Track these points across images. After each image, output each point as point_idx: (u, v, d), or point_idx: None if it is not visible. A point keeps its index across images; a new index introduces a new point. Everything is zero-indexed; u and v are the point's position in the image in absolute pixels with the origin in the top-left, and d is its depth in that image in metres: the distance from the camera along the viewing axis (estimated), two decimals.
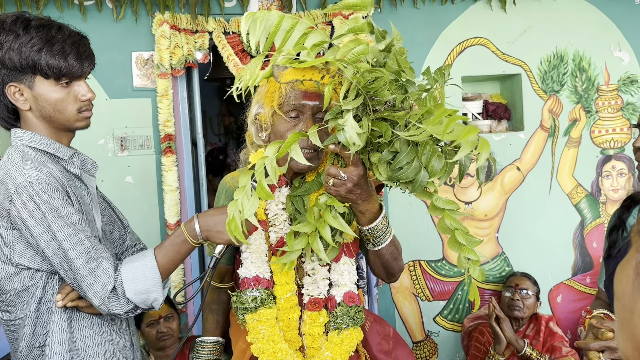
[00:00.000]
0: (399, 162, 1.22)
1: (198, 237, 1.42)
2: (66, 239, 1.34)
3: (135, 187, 2.95)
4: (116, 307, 1.37)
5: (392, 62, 1.29)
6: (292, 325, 1.57)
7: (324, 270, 1.57)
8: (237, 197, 1.26)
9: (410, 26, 3.10)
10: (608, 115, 3.23)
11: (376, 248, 1.50)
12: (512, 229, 3.21)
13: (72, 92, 1.44)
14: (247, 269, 1.56)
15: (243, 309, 1.54)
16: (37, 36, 1.38)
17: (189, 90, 3.05)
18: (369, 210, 1.42)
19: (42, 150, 1.44)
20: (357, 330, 1.56)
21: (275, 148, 1.25)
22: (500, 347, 2.70)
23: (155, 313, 2.71)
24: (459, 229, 1.25)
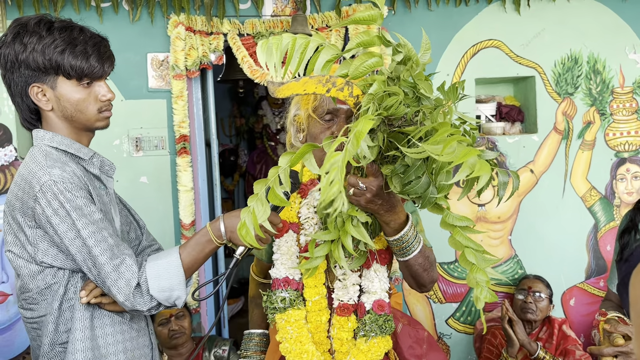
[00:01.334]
0: (408, 177, 1.22)
1: (223, 237, 1.44)
2: (90, 236, 1.36)
3: (150, 188, 2.98)
4: (140, 303, 1.39)
5: (407, 74, 1.27)
6: (320, 328, 1.58)
7: (354, 276, 1.57)
8: (250, 204, 1.27)
9: (424, 28, 3.08)
10: (623, 117, 3.21)
11: (404, 258, 1.48)
12: (525, 231, 3.20)
13: (92, 92, 1.47)
14: (278, 269, 1.59)
15: (272, 308, 1.57)
16: (60, 37, 1.41)
17: (203, 92, 3.08)
18: (393, 220, 1.40)
19: (64, 151, 1.47)
20: (385, 339, 1.56)
21: (288, 158, 1.25)
22: (513, 349, 2.69)
23: (166, 312, 2.73)
24: (469, 247, 1.22)
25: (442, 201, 1.23)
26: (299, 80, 1.29)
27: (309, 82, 1.29)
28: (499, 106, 3.29)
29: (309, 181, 1.62)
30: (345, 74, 1.30)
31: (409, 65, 1.29)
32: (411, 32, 3.09)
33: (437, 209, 1.25)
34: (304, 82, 1.29)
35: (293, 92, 1.31)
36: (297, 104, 1.58)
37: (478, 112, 3.24)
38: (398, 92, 1.23)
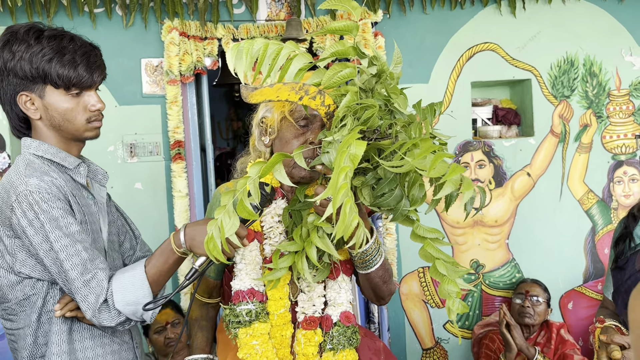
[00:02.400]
0: (381, 189, 1.21)
1: (182, 246, 1.38)
2: (63, 249, 1.33)
3: (145, 194, 2.96)
4: (107, 319, 1.35)
5: (380, 87, 1.28)
6: (284, 343, 1.52)
7: (319, 288, 1.53)
8: (217, 216, 1.24)
9: (420, 31, 3.09)
10: (619, 120, 3.20)
11: (366, 272, 1.47)
12: (522, 235, 3.18)
13: (81, 102, 1.45)
14: (242, 280, 1.50)
15: (236, 322, 1.48)
16: (49, 46, 1.40)
17: (198, 97, 3.06)
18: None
19: (49, 159, 1.45)
20: (352, 351, 1.52)
21: (258, 168, 1.24)
22: (511, 354, 2.68)
23: (162, 319, 2.71)
24: (440, 259, 1.22)
25: (413, 214, 1.24)
26: (273, 87, 1.29)
27: (282, 88, 1.29)
28: (495, 109, 3.28)
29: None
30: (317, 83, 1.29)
31: (383, 78, 1.28)
32: (406, 36, 3.07)
33: (407, 222, 1.25)
34: (277, 88, 1.29)
35: (266, 98, 1.30)
36: (268, 105, 1.54)
37: (474, 115, 3.23)
38: (374, 104, 1.23)
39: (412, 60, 3.08)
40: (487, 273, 3.18)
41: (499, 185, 3.16)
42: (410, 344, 3.17)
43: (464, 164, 3.13)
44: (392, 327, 3.13)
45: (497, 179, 3.16)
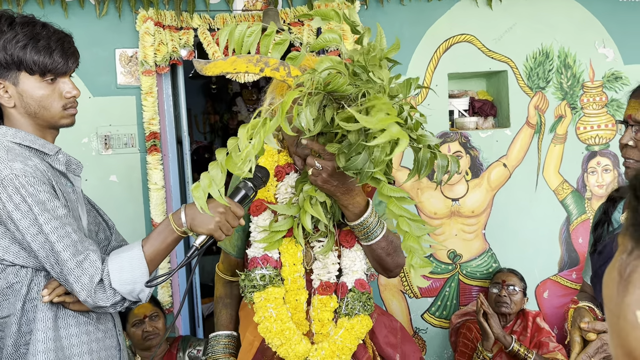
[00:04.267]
0: (350, 153, 1.28)
1: (183, 226, 1.40)
2: (53, 231, 1.33)
3: (120, 186, 2.92)
4: (102, 299, 1.35)
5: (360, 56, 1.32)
6: (299, 308, 1.57)
7: (333, 256, 1.59)
8: (211, 170, 1.30)
9: (397, 23, 3.09)
10: (593, 111, 3.25)
11: (367, 243, 1.54)
12: (499, 225, 3.22)
13: (57, 89, 1.45)
14: (256, 248, 1.58)
15: (251, 287, 1.55)
16: (22, 32, 1.39)
17: (173, 88, 3.02)
18: (351, 204, 1.46)
19: (27, 146, 1.43)
20: (367, 317, 1.57)
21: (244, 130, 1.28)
22: (488, 343, 2.71)
23: (140, 312, 2.68)
24: (403, 217, 1.29)
25: (379, 175, 1.30)
26: (227, 59, 1.31)
27: (238, 61, 1.32)
28: (471, 101, 3.30)
29: (285, 164, 1.64)
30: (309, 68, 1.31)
31: (365, 49, 1.33)
32: (384, 27, 3.06)
33: (375, 182, 1.32)
34: (232, 60, 1.32)
35: (222, 70, 1.34)
36: (273, 92, 1.58)
37: (451, 107, 3.25)
38: (343, 70, 1.28)
39: None
40: (464, 263, 3.21)
41: (475, 176, 3.19)
42: None
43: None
44: None
45: (474, 169, 3.19)
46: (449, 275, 3.21)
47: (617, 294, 0.56)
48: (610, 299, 0.58)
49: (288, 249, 1.57)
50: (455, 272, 3.21)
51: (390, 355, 1.65)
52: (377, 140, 1.16)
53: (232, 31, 1.35)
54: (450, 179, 1.38)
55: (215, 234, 1.39)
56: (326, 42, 1.35)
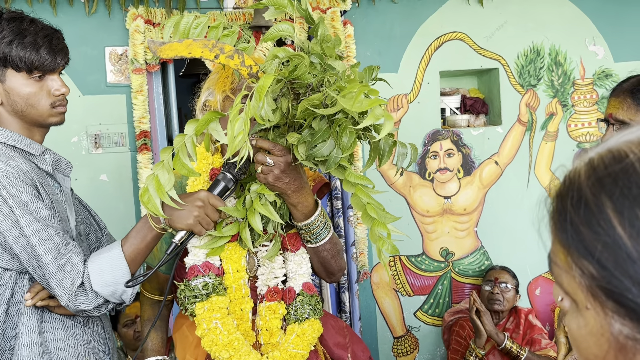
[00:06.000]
0: (315, 141, 1.25)
1: (161, 222, 1.36)
2: (35, 234, 1.29)
3: (111, 186, 2.89)
4: (84, 302, 1.31)
5: (316, 45, 1.31)
6: (244, 318, 1.47)
7: (279, 259, 1.51)
8: (155, 171, 1.26)
9: (388, 21, 3.08)
10: (584, 109, 3.26)
11: (314, 245, 1.49)
12: (491, 223, 3.22)
13: (45, 86, 1.41)
14: (196, 255, 1.46)
15: (192, 297, 1.42)
16: (9, 28, 1.36)
17: (164, 86, 3.00)
18: (301, 203, 1.41)
19: (12, 146, 1.40)
20: (317, 321, 1.50)
21: (193, 126, 1.25)
22: (481, 340, 2.71)
23: (131, 312, 2.66)
24: (370, 204, 1.28)
25: (344, 162, 1.29)
26: (182, 42, 1.29)
27: (193, 44, 1.29)
28: (463, 99, 3.30)
29: (221, 166, 1.53)
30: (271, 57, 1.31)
31: (319, 39, 1.31)
32: (375, 25, 3.07)
33: (340, 170, 1.30)
34: (188, 44, 1.29)
35: (177, 54, 1.30)
36: (209, 89, 1.52)
37: (443, 105, 3.25)
38: (303, 56, 1.26)
39: (381, 49, 3.08)
40: (456, 261, 3.21)
41: (467, 174, 3.19)
42: (382, 332, 3.18)
43: (433, 152, 3.15)
44: (364, 316, 3.13)
45: (466, 167, 3.19)
46: (442, 273, 3.21)
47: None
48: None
49: (231, 255, 1.47)
50: (447, 269, 3.21)
51: (342, 356, 1.59)
52: (363, 123, 1.14)
53: (177, 22, 1.31)
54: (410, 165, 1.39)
55: (195, 228, 1.33)
56: (279, 32, 1.33)
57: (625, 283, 0.49)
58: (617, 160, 0.53)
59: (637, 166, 0.51)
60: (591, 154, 0.57)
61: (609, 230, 0.50)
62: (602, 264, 0.50)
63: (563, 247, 0.55)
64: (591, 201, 0.52)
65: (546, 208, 0.59)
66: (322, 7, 2.90)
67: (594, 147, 0.58)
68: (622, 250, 0.49)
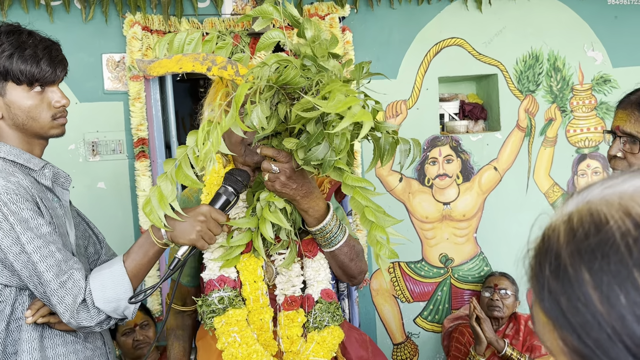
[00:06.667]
0: (310, 145, 1.24)
1: (163, 237, 1.35)
2: (36, 251, 1.28)
3: (108, 193, 2.87)
4: (86, 319, 1.30)
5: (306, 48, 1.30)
6: (265, 328, 1.48)
7: (297, 268, 1.51)
8: (158, 183, 1.27)
9: (387, 27, 3.08)
10: (582, 114, 3.26)
11: (330, 249, 1.48)
12: (490, 228, 3.22)
13: (45, 98, 1.40)
14: (212, 270, 1.47)
15: (210, 312, 1.44)
16: (8, 41, 1.35)
17: (161, 93, 2.98)
18: (312, 208, 1.40)
19: (12, 161, 1.39)
20: (337, 328, 1.50)
21: (194, 137, 1.24)
22: (481, 347, 2.70)
23: (130, 321, 2.64)
24: (368, 207, 1.26)
25: (341, 165, 1.27)
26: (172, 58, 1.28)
27: (183, 59, 1.28)
28: (462, 104, 3.30)
29: None
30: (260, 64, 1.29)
31: (309, 40, 1.30)
32: (374, 31, 3.06)
33: (337, 172, 1.29)
34: (178, 59, 1.29)
35: (167, 70, 1.30)
36: (210, 104, 1.52)
37: (441, 110, 3.24)
38: (291, 61, 1.25)
39: (380, 55, 3.07)
40: (456, 267, 3.20)
41: (466, 180, 3.18)
42: (381, 339, 3.17)
43: (432, 159, 3.14)
44: (363, 322, 3.12)
45: (465, 173, 3.18)
46: (441, 279, 3.20)
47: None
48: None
49: (247, 266, 1.48)
50: (447, 276, 3.21)
51: None
52: (341, 125, 1.12)
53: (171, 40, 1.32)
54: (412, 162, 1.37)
55: (198, 243, 1.34)
56: (270, 40, 1.32)
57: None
58: (597, 228, 0.49)
59: (619, 238, 0.48)
60: (571, 206, 0.54)
61: (589, 307, 0.48)
62: (583, 340, 0.48)
63: (543, 312, 0.53)
64: (570, 273, 0.50)
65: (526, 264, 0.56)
66: (320, 13, 2.89)
67: (574, 196, 0.55)
68: (602, 330, 0.47)
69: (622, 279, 0.47)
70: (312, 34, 1.31)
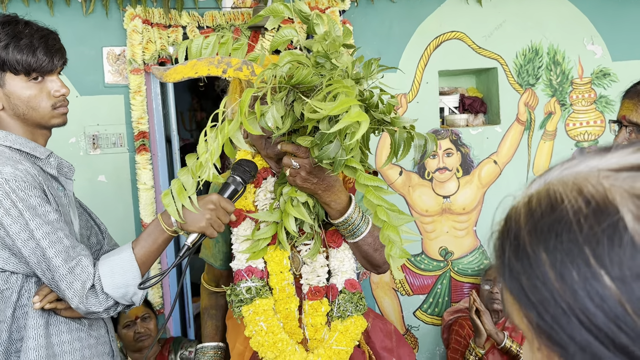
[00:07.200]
0: (322, 143, 1.26)
1: (173, 225, 1.38)
2: (44, 237, 1.29)
3: (109, 187, 2.87)
4: (95, 304, 1.32)
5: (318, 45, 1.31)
6: (290, 317, 1.53)
7: (321, 258, 1.55)
8: (180, 176, 1.29)
9: (387, 20, 3.08)
10: (582, 108, 3.26)
11: (354, 240, 1.51)
12: (490, 222, 3.21)
13: (44, 88, 1.41)
14: (240, 260, 1.53)
15: (238, 301, 1.51)
16: (4, 32, 1.36)
17: (162, 86, 2.99)
18: (333, 201, 1.43)
19: (18, 150, 1.40)
20: (360, 318, 1.54)
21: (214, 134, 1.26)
22: (481, 339, 2.72)
23: (131, 314, 2.65)
24: (380, 206, 1.27)
25: (354, 163, 1.28)
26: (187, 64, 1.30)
27: (198, 64, 1.30)
28: (461, 98, 3.30)
29: (262, 169, 1.59)
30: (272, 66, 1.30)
31: (320, 37, 1.31)
32: (374, 24, 3.06)
33: (351, 171, 1.30)
34: (193, 64, 1.30)
35: (184, 76, 1.32)
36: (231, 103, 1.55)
37: (441, 104, 3.24)
38: (305, 61, 1.26)
39: (381, 48, 3.07)
40: (455, 260, 3.21)
41: (466, 173, 3.19)
42: None
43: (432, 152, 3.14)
44: None
45: (465, 167, 3.19)
46: (441, 272, 3.21)
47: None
48: None
49: (273, 257, 1.53)
50: (446, 269, 3.22)
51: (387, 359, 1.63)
52: (337, 125, 1.14)
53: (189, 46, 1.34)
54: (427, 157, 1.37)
55: (207, 231, 1.37)
56: (284, 38, 1.34)
57: (565, 339, 0.49)
58: (553, 207, 0.51)
59: (571, 216, 0.49)
60: (532, 188, 0.56)
61: (546, 284, 0.49)
62: (542, 317, 0.50)
63: (508, 291, 0.54)
64: (530, 253, 0.51)
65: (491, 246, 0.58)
66: (320, 6, 2.89)
67: (536, 179, 0.57)
68: (558, 307, 0.49)
69: (574, 255, 0.48)
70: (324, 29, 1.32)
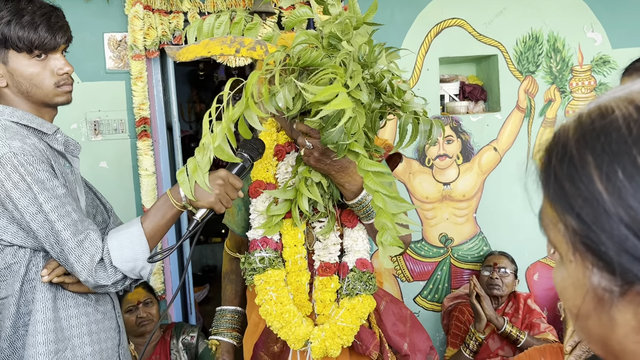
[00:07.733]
0: (327, 127, 1.27)
1: (182, 200, 1.39)
2: (53, 210, 1.30)
3: (110, 173, 2.88)
4: (103, 277, 1.33)
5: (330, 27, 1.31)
6: (301, 289, 1.56)
7: (334, 236, 1.57)
8: (196, 154, 1.31)
9: (388, 7, 3.08)
10: (582, 95, 3.28)
11: (369, 221, 1.53)
12: (489, 209, 3.24)
13: (48, 65, 1.41)
14: (256, 230, 1.57)
15: (251, 269, 1.54)
16: (6, 9, 1.36)
17: (163, 73, 2.99)
18: (347, 182, 1.44)
19: (25, 125, 1.40)
20: (369, 297, 1.55)
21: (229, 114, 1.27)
22: (481, 325, 2.73)
23: (133, 299, 2.66)
24: (378, 192, 1.28)
25: (357, 148, 1.29)
26: (199, 43, 1.30)
27: (211, 44, 1.30)
28: (462, 85, 3.31)
29: (286, 143, 1.62)
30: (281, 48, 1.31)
31: (332, 18, 1.31)
32: None
33: (353, 155, 1.31)
34: (205, 44, 1.30)
35: (196, 55, 1.32)
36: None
37: (442, 91, 3.25)
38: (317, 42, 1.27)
39: (381, 35, 3.06)
40: (455, 246, 3.23)
41: (466, 160, 3.20)
42: None
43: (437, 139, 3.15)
44: None
45: (465, 154, 3.20)
46: (441, 258, 3.23)
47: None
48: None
49: (289, 231, 1.56)
50: (446, 255, 3.23)
51: (398, 343, 1.63)
52: (322, 112, 1.15)
53: (200, 26, 1.33)
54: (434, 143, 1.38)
55: (216, 206, 1.38)
56: (299, 17, 1.35)
57: (602, 237, 0.49)
58: (603, 116, 0.52)
59: (621, 121, 0.50)
60: (583, 110, 0.57)
61: (589, 186, 0.51)
62: (582, 218, 0.51)
63: (549, 201, 0.56)
64: (575, 157, 0.53)
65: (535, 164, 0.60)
66: None
67: (588, 104, 0.58)
68: (600, 206, 0.50)
69: (621, 155, 0.49)
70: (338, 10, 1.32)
